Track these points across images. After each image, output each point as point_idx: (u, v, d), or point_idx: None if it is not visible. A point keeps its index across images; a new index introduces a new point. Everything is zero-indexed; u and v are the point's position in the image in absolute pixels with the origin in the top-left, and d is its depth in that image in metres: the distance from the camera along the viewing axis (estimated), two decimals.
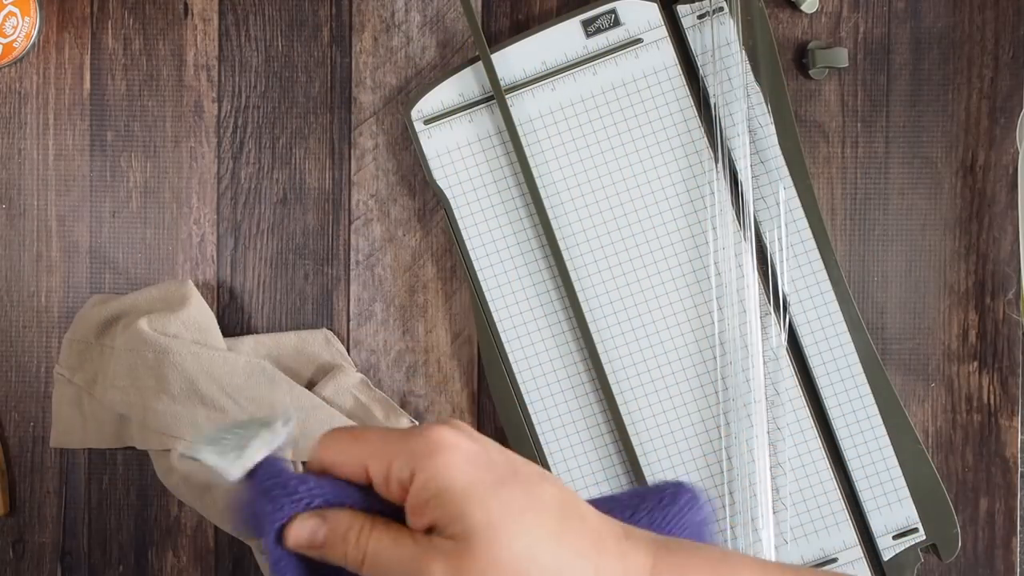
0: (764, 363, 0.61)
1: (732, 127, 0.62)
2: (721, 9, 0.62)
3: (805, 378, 0.62)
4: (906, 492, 0.61)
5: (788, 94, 0.62)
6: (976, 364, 0.63)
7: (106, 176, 0.65)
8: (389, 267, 0.64)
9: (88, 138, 0.65)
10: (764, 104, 0.62)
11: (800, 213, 0.62)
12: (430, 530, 0.32)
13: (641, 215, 0.62)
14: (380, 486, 0.33)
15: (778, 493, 0.61)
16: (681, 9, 0.62)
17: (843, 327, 0.62)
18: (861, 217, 0.64)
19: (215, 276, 0.65)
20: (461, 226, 0.62)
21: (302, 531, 0.33)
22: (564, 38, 0.62)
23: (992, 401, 0.63)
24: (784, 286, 0.62)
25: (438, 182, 0.62)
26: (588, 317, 0.62)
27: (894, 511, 0.61)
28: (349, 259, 0.64)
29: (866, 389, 0.62)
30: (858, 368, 0.62)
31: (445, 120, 0.62)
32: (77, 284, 0.65)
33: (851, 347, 0.62)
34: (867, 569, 0.61)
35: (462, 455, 0.32)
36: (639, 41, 0.62)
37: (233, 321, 0.65)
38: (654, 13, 0.62)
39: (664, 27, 0.62)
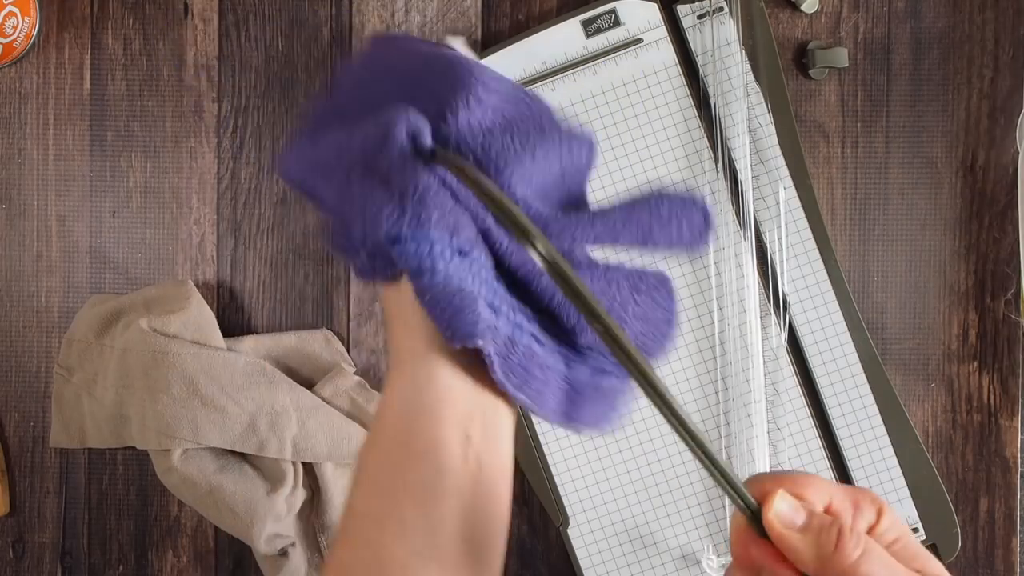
0: (764, 363, 0.61)
1: (732, 127, 0.62)
2: (721, 9, 0.62)
3: (805, 378, 0.62)
4: (906, 492, 0.61)
5: (788, 94, 0.62)
6: (976, 364, 0.63)
7: (106, 176, 0.65)
8: None
9: (88, 138, 0.65)
10: (764, 104, 0.62)
11: (800, 213, 0.62)
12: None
13: None
14: (842, 512, 0.35)
15: None
16: (681, 9, 0.62)
17: (843, 327, 0.62)
18: (861, 217, 0.64)
19: (215, 276, 0.65)
20: None
21: (782, 514, 0.34)
22: (564, 38, 0.62)
23: (992, 401, 0.63)
24: (784, 286, 0.62)
25: None
26: None
27: (894, 511, 0.61)
28: None
29: (866, 389, 0.62)
30: (858, 368, 0.62)
31: None
32: (77, 284, 0.65)
33: (851, 347, 0.62)
34: None
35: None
36: (639, 41, 0.62)
37: (233, 321, 0.65)
38: (654, 13, 0.62)
39: (664, 27, 0.62)
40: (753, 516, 0.33)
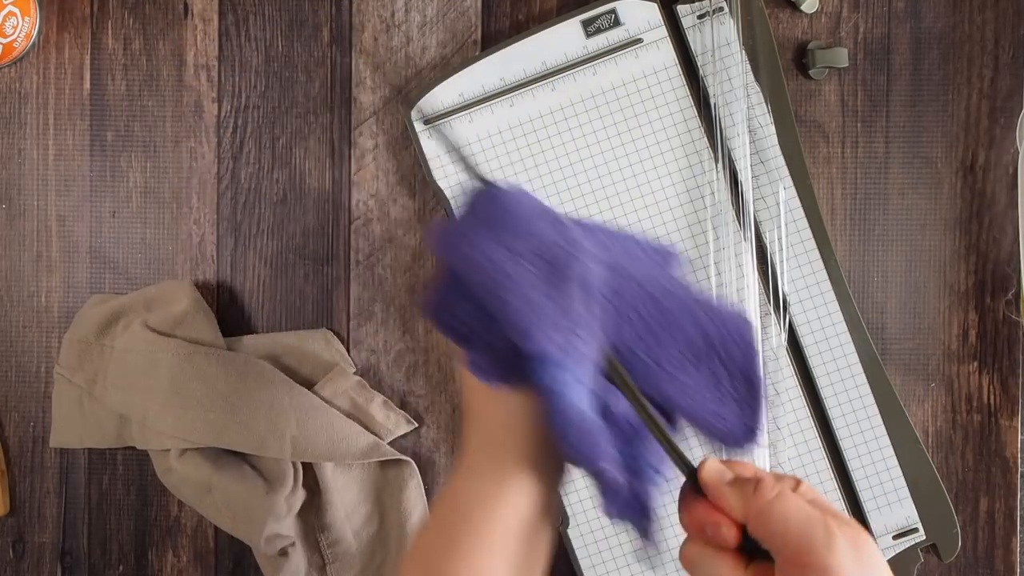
0: (764, 363, 0.61)
1: (732, 127, 0.62)
2: (721, 9, 0.62)
3: (805, 378, 0.62)
4: (906, 492, 0.61)
5: (788, 94, 0.62)
6: (976, 364, 0.63)
7: (106, 176, 0.65)
8: (389, 267, 0.64)
9: (88, 138, 0.65)
10: (764, 104, 0.62)
11: (800, 213, 0.62)
12: None
13: (641, 215, 0.62)
14: (769, 482, 0.40)
15: None
16: (681, 9, 0.62)
17: (843, 327, 0.62)
18: (861, 217, 0.64)
19: (215, 276, 0.65)
20: None
21: (712, 471, 0.41)
22: (564, 38, 0.62)
23: (992, 401, 0.63)
24: (784, 286, 0.62)
25: (438, 182, 0.62)
26: None
27: (894, 511, 0.61)
28: (349, 259, 0.64)
29: (866, 389, 0.62)
30: (858, 368, 0.62)
31: (445, 120, 0.62)
32: (77, 284, 0.65)
33: (851, 347, 0.62)
34: None
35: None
36: (639, 41, 0.62)
37: (233, 321, 0.65)
38: (654, 13, 0.62)
39: (664, 27, 0.62)
40: (692, 477, 0.41)
